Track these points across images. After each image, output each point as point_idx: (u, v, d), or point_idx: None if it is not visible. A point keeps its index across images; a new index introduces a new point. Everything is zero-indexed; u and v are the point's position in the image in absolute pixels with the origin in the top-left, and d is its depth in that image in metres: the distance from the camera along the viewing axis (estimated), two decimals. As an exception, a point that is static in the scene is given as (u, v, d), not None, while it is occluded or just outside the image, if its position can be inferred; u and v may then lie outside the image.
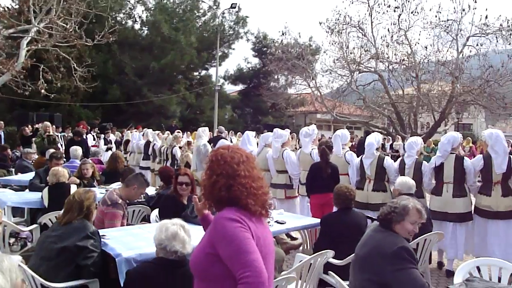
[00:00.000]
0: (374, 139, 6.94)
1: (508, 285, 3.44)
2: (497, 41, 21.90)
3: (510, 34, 21.43)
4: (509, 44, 21.67)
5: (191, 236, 3.14)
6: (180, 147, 10.60)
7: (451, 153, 6.16)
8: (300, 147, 8.10)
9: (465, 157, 6.26)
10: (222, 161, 2.33)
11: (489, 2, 24.98)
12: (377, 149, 6.92)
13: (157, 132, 12.86)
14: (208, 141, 14.34)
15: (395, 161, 7.11)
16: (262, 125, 26.43)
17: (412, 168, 6.49)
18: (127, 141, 14.99)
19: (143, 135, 13.13)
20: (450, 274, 5.71)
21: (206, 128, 9.54)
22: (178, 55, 30.27)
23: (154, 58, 30.57)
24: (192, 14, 33.89)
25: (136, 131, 16.24)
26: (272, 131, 8.17)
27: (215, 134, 19.06)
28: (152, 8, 33.11)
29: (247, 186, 2.29)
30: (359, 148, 13.98)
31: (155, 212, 5.56)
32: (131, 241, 4.11)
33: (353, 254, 3.43)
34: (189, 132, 19.83)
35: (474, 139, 25.88)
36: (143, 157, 12.20)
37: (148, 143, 12.11)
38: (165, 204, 5.38)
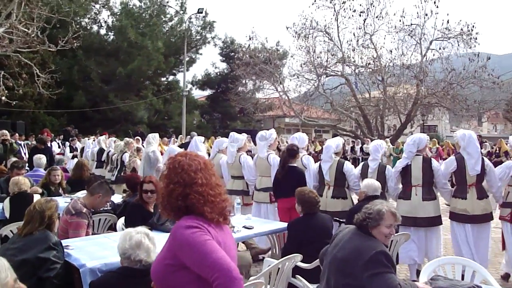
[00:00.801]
0: (333, 143, 6.70)
1: (470, 282, 3.51)
2: (458, 45, 22.62)
3: (470, 38, 22.14)
4: (470, 48, 22.38)
5: (156, 244, 3.09)
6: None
7: (417, 154, 6.03)
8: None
9: (432, 159, 6.14)
10: (180, 169, 2.31)
11: (450, 8, 25.70)
12: (337, 153, 6.66)
13: (113, 138, 12.57)
14: (180, 146, 14.21)
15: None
16: (231, 130, 26.41)
17: (375, 172, 6.34)
18: (83, 149, 14.66)
19: (98, 142, 12.84)
20: (417, 273, 5.75)
21: (156, 134, 9.34)
22: (145, 60, 30.00)
23: (121, 63, 30.21)
24: (159, 19, 33.67)
25: (90, 138, 15.92)
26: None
27: (177, 141, 18.99)
28: (118, 13, 32.72)
29: (204, 194, 2.28)
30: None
31: (121, 220, 5.46)
32: (96, 251, 4.02)
33: (327, 255, 3.40)
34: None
35: (439, 140, 26.50)
36: (96, 165, 11.87)
37: (101, 150, 11.83)
38: (131, 212, 5.29)
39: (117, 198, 6.77)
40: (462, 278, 3.73)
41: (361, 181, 6.26)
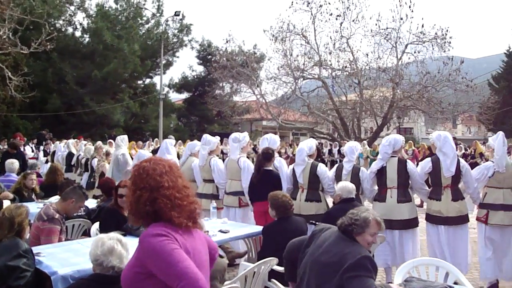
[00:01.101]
0: (306, 145, 6.58)
1: (444, 282, 3.55)
2: (433, 49, 23.10)
3: (444, 42, 22.57)
4: (444, 52, 22.84)
5: (129, 250, 3.03)
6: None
7: (392, 156, 5.96)
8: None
9: (408, 160, 6.12)
10: (145, 174, 2.29)
11: (425, 12, 26.14)
12: (310, 155, 6.53)
13: (84, 142, 12.44)
14: (152, 151, 14.07)
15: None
16: (208, 133, 26.34)
17: (350, 174, 6.24)
18: (54, 152, 14.42)
19: (67, 146, 12.65)
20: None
21: (125, 136, 9.21)
22: (121, 63, 29.73)
23: (96, 66, 29.86)
24: (135, 22, 33.41)
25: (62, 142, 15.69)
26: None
27: (153, 144, 18.85)
28: (94, 15, 32.36)
29: (171, 197, 2.26)
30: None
31: (96, 225, 5.38)
32: (68, 257, 3.93)
33: (307, 256, 3.38)
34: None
35: (415, 143, 26.90)
36: (65, 168, 11.59)
37: (70, 154, 11.71)
38: (106, 217, 5.23)
39: (91, 203, 6.67)
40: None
41: (335, 183, 6.26)
